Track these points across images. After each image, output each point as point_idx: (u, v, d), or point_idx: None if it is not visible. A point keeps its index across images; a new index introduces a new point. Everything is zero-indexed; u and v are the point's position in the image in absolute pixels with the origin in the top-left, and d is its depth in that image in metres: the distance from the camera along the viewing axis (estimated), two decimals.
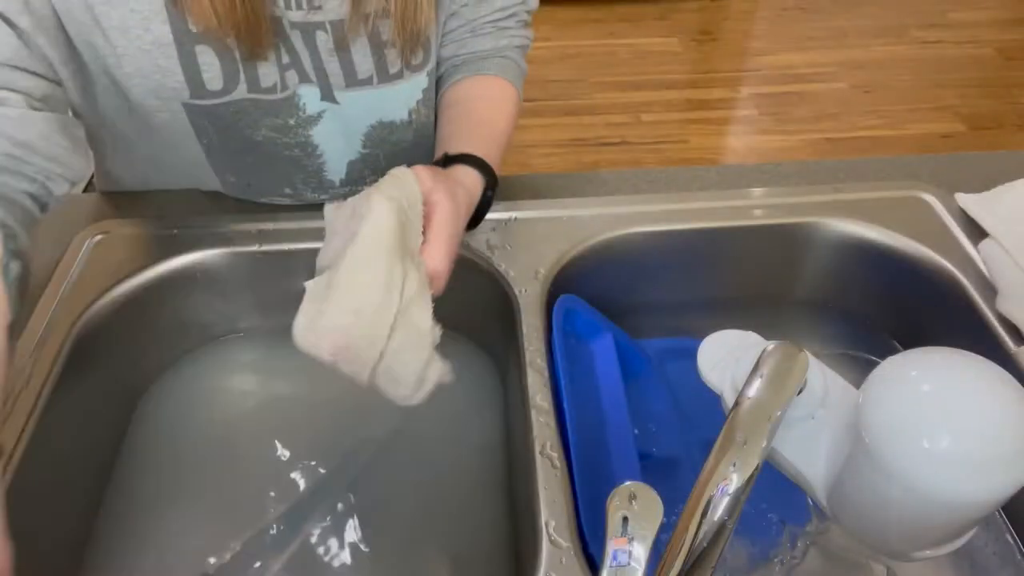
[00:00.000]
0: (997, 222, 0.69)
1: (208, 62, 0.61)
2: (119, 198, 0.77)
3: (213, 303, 0.73)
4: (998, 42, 2.74)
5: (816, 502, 0.48)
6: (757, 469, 0.41)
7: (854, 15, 2.89)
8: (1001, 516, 0.62)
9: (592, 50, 2.73)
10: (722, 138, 2.37)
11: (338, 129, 0.71)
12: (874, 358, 0.65)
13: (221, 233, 0.71)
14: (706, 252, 0.75)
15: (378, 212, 0.48)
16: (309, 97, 0.67)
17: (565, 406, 0.57)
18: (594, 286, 0.71)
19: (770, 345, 0.46)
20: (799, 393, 0.47)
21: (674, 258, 0.74)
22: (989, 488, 0.38)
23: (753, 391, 0.43)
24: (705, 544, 0.39)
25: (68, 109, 0.62)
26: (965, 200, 0.73)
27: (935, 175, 0.77)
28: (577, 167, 2.24)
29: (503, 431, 0.70)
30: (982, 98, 2.48)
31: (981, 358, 0.41)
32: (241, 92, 0.64)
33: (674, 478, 0.63)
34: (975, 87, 2.52)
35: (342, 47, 0.65)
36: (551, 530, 0.51)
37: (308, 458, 0.68)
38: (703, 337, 0.54)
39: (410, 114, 0.74)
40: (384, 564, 0.62)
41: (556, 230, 0.71)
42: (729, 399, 0.50)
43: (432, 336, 0.50)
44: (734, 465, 0.40)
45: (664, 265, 0.75)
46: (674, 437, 0.66)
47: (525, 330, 0.63)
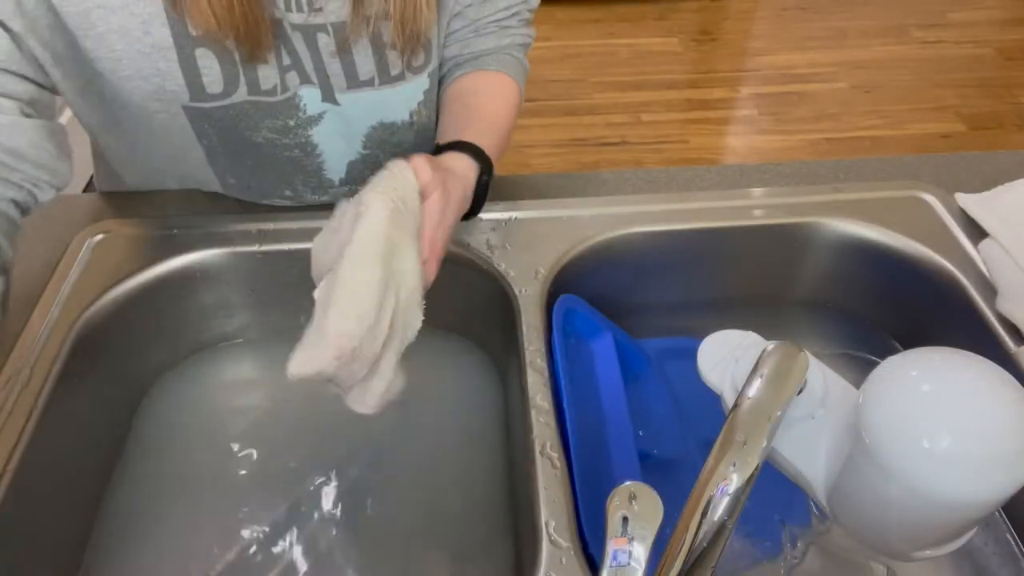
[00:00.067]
0: (997, 222, 0.69)
1: (208, 65, 0.61)
2: (119, 198, 0.77)
3: (213, 303, 0.73)
4: (998, 42, 2.74)
5: (816, 502, 0.48)
6: (757, 469, 0.41)
7: (854, 15, 2.89)
8: (1001, 516, 0.62)
9: (592, 50, 2.73)
10: (722, 138, 2.37)
11: (339, 130, 0.71)
12: (874, 358, 0.65)
13: (221, 233, 0.71)
14: (706, 252, 0.75)
15: (373, 211, 0.48)
16: (310, 98, 0.67)
17: (565, 406, 0.57)
18: (594, 286, 0.71)
19: (770, 345, 0.46)
20: (799, 393, 0.47)
21: (674, 258, 0.74)
22: (989, 488, 0.38)
23: (753, 391, 0.43)
24: (705, 544, 0.39)
25: (54, 114, 0.61)
26: (965, 200, 0.73)
27: (935, 175, 0.77)
28: (577, 167, 2.24)
29: (503, 431, 0.70)
30: (982, 98, 2.48)
31: (981, 358, 0.41)
32: (241, 95, 0.64)
33: (674, 478, 0.63)
34: (975, 87, 2.52)
35: (344, 49, 0.65)
36: (551, 530, 0.51)
37: (308, 458, 0.68)
38: (703, 337, 0.54)
39: (411, 115, 0.74)
40: (384, 564, 0.62)
41: (556, 230, 0.71)
42: (729, 399, 0.50)
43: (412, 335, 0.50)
44: (734, 465, 0.40)
45: (664, 265, 0.75)
46: (674, 437, 0.66)
47: (525, 330, 0.63)
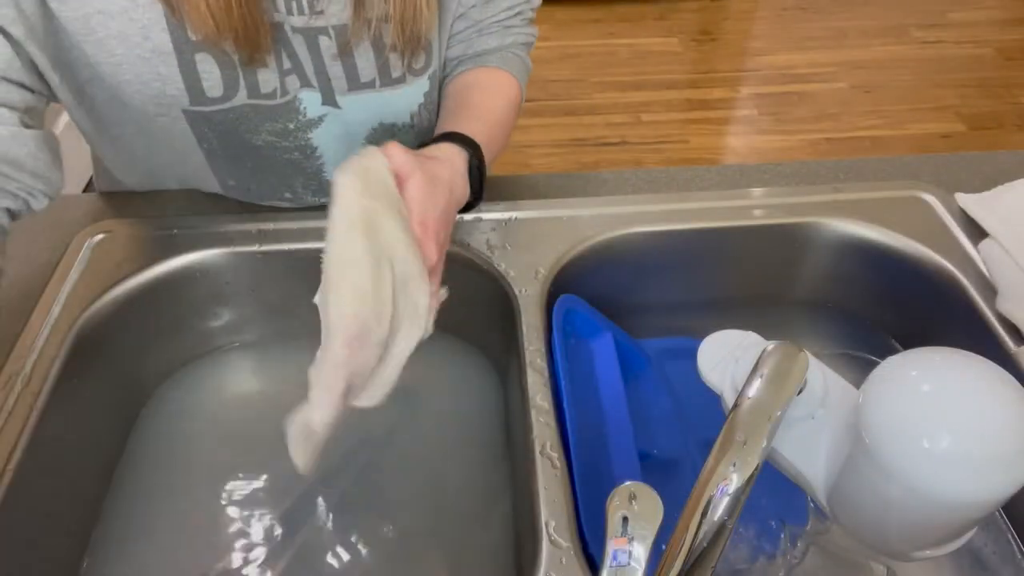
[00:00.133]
0: (997, 222, 0.69)
1: (208, 70, 0.61)
2: (119, 198, 0.77)
3: (213, 303, 0.73)
4: (998, 42, 2.74)
5: (816, 502, 0.48)
6: (757, 469, 0.41)
7: (854, 15, 2.89)
8: (1001, 516, 0.62)
9: (592, 50, 2.73)
10: (722, 138, 2.37)
11: (339, 132, 0.71)
12: (874, 358, 0.65)
13: (221, 233, 0.71)
14: (706, 252, 0.75)
15: (340, 184, 0.47)
16: (310, 101, 0.67)
17: (565, 406, 0.57)
18: (594, 286, 0.71)
19: (770, 345, 0.46)
20: (799, 393, 0.47)
21: (674, 258, 0.74)
22: (989, 488, 0.38)
23: (753, 391, 0.43)
24: (705, 544, 0.39)
25: (44, 121, 0.61)
26: (965, 200, 0.73)
27: (935, 175, 0.77)
28: (577, 167, 2.24)
29: (503, 431, 0.70)
30: (982, 98, 2.48)
31: (981, 358, 0.41)
32: (241, 98, 0.64)
33: (674, 478, 0.63)
34: (975, 87, 2.52)
35: (345, 52, 0.64)
36: (551, 530, 0.51)
37: None
38: (703, 337, 0.54)
39: (412, 117, 0.74)
40: (384, 564, 0.62)
41: (556, 230, 0.71)
42: (729, 399, 0.50)
43: (427, 319, 0.49)
44: (734, 465, 0.40)
45: (664, 265, 0.75)
46: (674, 437, 0.66)
47: (525, 330, 0.63)
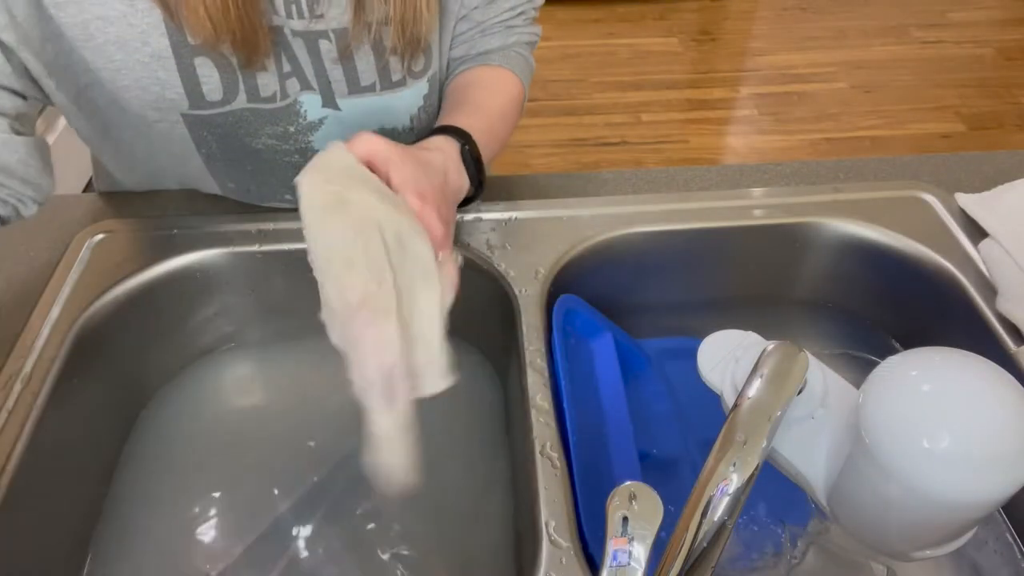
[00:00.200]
0: (997, 222, 0.69)
1: (207, 74, 0.61)
2: (119, 198, 0.77)
3: (213, 304, 0.73)
4: (998, 42, 2.74)
5: (816, 502, 0.48)
6: (757, 469, 0.41)
7: (854, 15, 2.89)
8: (1001, 516, 0.62)
9: (592, 50, 2.73)
10: (722, 138, 2.37)
11: (339, 135, 0.70)
12: (874, 358, 0.65)
13: (221, 233, 0.71)
14: (706, 252, 0.75)
15: (302, 189, 0.49)
16: (310, 104, 0.67)
17: (565, 406, 0.57)
18: (594, 286, 0.71)
19: (770, 345, 0.46)
20: (799, 393, 0.47)
21: (674, 258, 0.74)
22: (989, 488, 0.38)
23: (753, 391, 0.43)
24: (705, 544, 0.39)
25: (35, 127, 0.61)
26: (965, 200, 0.73)
27: (935, 175, 0.77)
28: (577, 167, 2.24)
29: (503, 431, 0.70)
30: (982, 98, 2.48)
31: (981, 358, 0.41)
32: (241, 102, 0.64)
33: (674, 478, 0.63)
34: (975, 87, 2.52)
35: (346, 55, 0.64)
36: (551, 530, 0.51)
37: (308, 458, 0.68)
38: (703, 337, 0.54)
39: (411, 120, 0.73)
40: (384, 564, 0.62)
41: (556, 230, 0.71)
42: (729, 399, 0.50)
43: (438, 275, 0.50)
44: (734, 465, 0.40)
45: (664, 265, 0.75)
46: (674, 437, 0.66)
47: (525, 330, 0.63)
